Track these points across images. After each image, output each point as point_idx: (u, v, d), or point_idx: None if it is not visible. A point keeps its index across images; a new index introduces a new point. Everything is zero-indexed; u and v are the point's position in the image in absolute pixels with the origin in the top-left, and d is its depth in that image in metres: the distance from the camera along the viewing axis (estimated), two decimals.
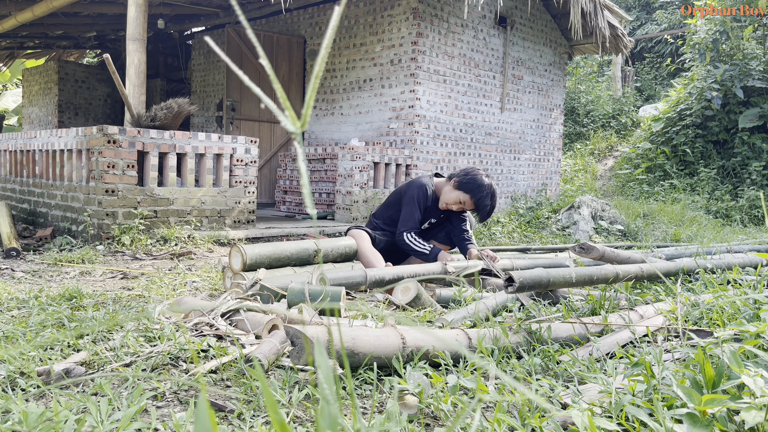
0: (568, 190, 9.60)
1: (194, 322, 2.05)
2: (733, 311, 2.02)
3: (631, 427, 1.25)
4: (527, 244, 5.33)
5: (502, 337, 1.81)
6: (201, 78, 9.41)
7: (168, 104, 4.87)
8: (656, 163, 10.57)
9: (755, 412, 1.13)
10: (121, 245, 4.18)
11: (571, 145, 13.26)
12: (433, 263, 3.02)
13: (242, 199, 5.12)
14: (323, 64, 0.51)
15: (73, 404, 1.36)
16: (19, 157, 5.77)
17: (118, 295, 2.73)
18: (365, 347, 1.59)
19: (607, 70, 16.45)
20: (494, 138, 7.58)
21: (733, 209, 8.68)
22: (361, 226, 3.50)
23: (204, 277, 3.29)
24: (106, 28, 9.43)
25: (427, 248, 3.35)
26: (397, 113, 6.71)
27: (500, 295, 2.44)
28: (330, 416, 0.50)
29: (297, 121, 0.50)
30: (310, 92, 0.50)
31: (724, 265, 3.04)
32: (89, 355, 1.75)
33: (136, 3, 4.95)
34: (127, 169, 4.42)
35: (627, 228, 6.39)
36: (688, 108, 10.53)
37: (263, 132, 8.18)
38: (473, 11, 7.00)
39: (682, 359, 1.73)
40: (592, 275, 2.43)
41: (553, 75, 8.39)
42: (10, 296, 2.63)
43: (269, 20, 8.35)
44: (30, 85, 11.23)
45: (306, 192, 0.48)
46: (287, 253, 2.83)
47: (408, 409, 1.41)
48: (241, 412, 1.40)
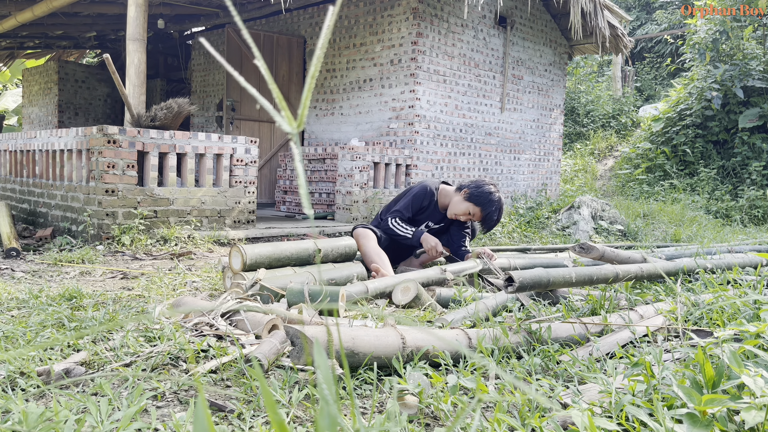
0: (568, 190, 9.60)
1: (194, 322, 2.05)
2: (733, 311, 2.02)
3: (631, 427, 1.25)
4: (527, 244, 5.33)
5: (502, 337, 1.81)
6: (201, 78, 9.41)
7: (168, 104, 4.87)
8: (656, 163, 10.56)
9: (755, 412, 1.13)
10: (121, 245, 4.18)
11: (571, 145, 13.25)
12: (431, 269, 3.01)
13: (242, 199, 5.12)
14: (320, 63, 0.51)
15: (73, 404, 1.36)
16: (19, 157, 5.78)
17: (118, 295, 2.73)
18: (365, 347, 1.59)
19: (607, 70, 16.45)
20: (494, 138, 7.58)
21: (733, 209, 8.68)
22: (367, 225, 3.51)
23: (204, 277, 3.29)
24: (106, 28, 9.43)
25: (409, 232, 3.42)
26: (397, 113, 6.71)
27: (500, 295, 2.43)
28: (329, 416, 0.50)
29: (293, 121, 0.50)
30: (306, 92, 0.50)
31: (724, 265, 3.04)
32: (89, 355, 1.75)
33: (136, 3, 4.95)
34: (127, 169, 4.43)
35: (627, 228, 6.38)
36: (688, 108, 10.53)
37: (263, 132, 8.18)
38: (473, 11, 7.00)
39: (682, 359, 1.72)
40: (592, 275, 2.43)
41: (553, 75, 8.39)
42: (10, 296, 2.63)
43: (269, 20, 8.35)
44: (30, 85, 11.23)
45: (303, 192, 0.48)
46: (287, 253, 2.83)
47: (408, 409, 1.41)
48: (241, 412, 1.40)
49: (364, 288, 2.60)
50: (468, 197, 3.40)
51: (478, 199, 3.37)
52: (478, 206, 3.37)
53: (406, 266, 3.61)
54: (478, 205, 3.37)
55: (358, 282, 2.71)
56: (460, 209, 3.42)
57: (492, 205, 3.36)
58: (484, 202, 3.36)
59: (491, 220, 3.39)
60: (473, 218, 3.43)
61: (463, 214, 3.42)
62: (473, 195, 3.38)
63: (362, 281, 2.75)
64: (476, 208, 3.38)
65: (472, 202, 3.39)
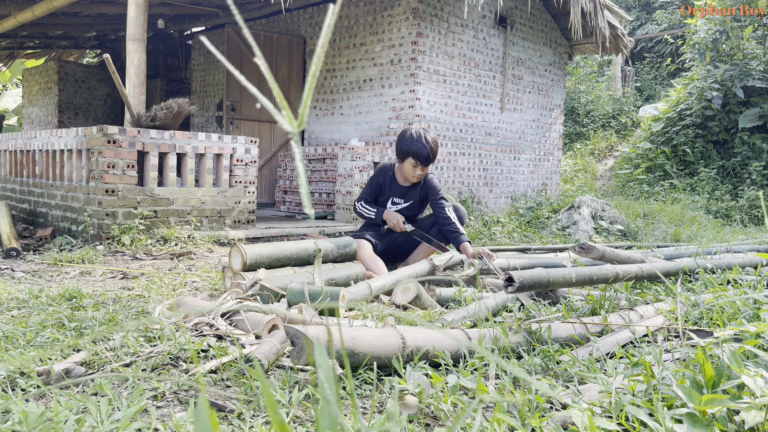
0: (568, 190, 9.60)
1: (194, 322, 2.05)
2: (733, 311, 2.02)
3: (631, 427, 1.25)
4: (527, 244, 5.33)
5: (502, 337, 1.81)
6: (201, 78, 9.41)
7: (168, 104, 4.87)
8: (656, 163, 10.56)
9: (755, 412, 1.13)
10: (121, 245, 4.18)
11: (571, 145, 13.25)
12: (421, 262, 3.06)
13: (242, 199, 5.12)
14: (320, 63, 0.51)
15: (73, 404, 1.36)
16: (19, 157, 5.78)
17: (118, 295, 2.73)
18: (365, 347, 1.59)
19: (607, 70, 16.45)
20: (494, 138, 7.58)
21: (733, 209, 8.68)
22: (362, 235, 3.54)
23: (204, 277, 3.29)
24: (106, 28, 9.43)
25: (372, 212, 3.56)
26: (397, 113, 6.71)
27: (500, 295, 2.43)
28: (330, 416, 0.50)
29: (294, 121, 0.50)
30: (306, 92, 0.50)
31: (724, 265, 3.04)
32: (89, 355, 1.75)
33: (136, 3, 4.95)
34: (127, 169, 4.42)
35: (627, 228, 6.38)
36: (688, 108, 10.53)
37: (263, 132, 8.18)
38: (473, 11, 7.00)
39: (682, 359, 1.72)
40: (592, 275, 2.43)
41: (553, 75, 8.39)
42: (10, 296, 2.63)
43: (269, 20, 8.35)
44: (30, 85, 11.23)
45: (303, 192, 0.48)
46: (287, 253, 2.83)
47: (408, 409, 1.41)
48: (241, 412, 1.40)
49: (368, 288, 2.62)
50: (397, 155, 3.52)
51: (399, 148, 3.47)
52: (407, 155, 3.43)
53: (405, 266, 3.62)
54: (407, 154, 3.43)
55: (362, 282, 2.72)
56: (405, 170, 3.51)
57: (412, 142, 3.40)
58: (407, 146, 3.42)
59: (422, 155, 3.40)
60: (416, 169, 3.46)
61: (409, 173, 3.49)
62: (397, 150, 3.51)
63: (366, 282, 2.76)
64: (407, 157, 3.44)
65: (401, 156, 3.48)
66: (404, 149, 3.43)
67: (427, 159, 3.40)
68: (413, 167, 3.45)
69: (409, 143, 3.40)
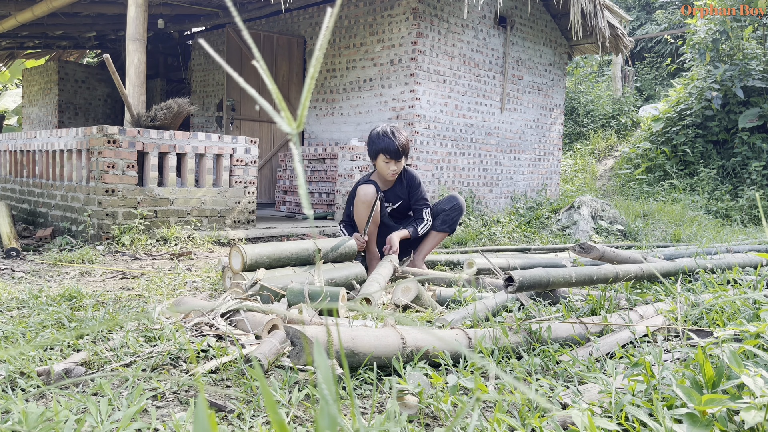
0: (568, 190, 9.60)
1: (194, 322, 2.05)
2: (733, 311, 2.02)
3: (631, 427, 1.25)
4: (527, 244, 5.33)
5: (502, 337, 1.81)
6: (201, 78, 9.41)
7: (168, 104, 4.87)
8: (656, 163, 10.56)
9: (755, 412, 1.13)
10: (121, 245, 4.18)
11: (571, 145, 13.25)
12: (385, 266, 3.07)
13: (242, 199, 5.12)
14: (319, 64, 0.51)
15: (73, 404, 1.36)
16: (19, 157, 5.77)
17: (118, 295, 2.73)
18: (365, 347, 1.59)
19: (607, 70, 16.45)
20: (494, 138, 7.58)
21: (733, 209, 8.68)
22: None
23: (204, 277, 3.29)
24: (106, 28, 9.43)
25: (345, 234, 3.54)
26: (397, 113, 6.71)
27: (500, 295, 2.43)
28: (330, 416, 0.50)
29: (293, 121, 0.50)
30: (305, 93, 0.50)
31: (724, 265, 3.04)
32: (89, 355, 1.75)
33: (136, 3, 4.95)
34: (127, 169, 4.42)
35: (627, 228, 6.38)
36: (688, 108, 10.52)
37: (263, 132, 8.18)
38: (473, 11, 7.00)
39: (682, 359, 1.72)
40: (592, 275, 2.43)
41: (553, 75, 8.39)
42: (10, 296, 2.63)
43: (269, 20, 8.35)
44: (30, 85, 11.23)
45: (302, 193, 0.48)
46: (287, 253, 2.83)
47: (408, 409, 1.41)
48: (241, 412, 1.40)
49: (378, 287, 2.64)
50: (370, 157, 3.50)
51: (370, 148, 3.45)
52: (377, 153, 3.42)
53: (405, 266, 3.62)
54: (377, 152, 3.42)
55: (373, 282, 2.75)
56: (380, 170, 3.49)
57: (379, 139, 3.39)
58: (375, 144, 3.41)
59: (391, 149, 3.38)
60: (390, 165, 3.45)
61: (384, 170, 3.47)
62: (369, 152, 3.49)
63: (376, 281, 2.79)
64: (378, 155, 3.42)
65: (373, 156, 3.47)
66: (374, 148, 3.43)
67: (396, 152, 3.39)
68: (386, 163, 3.44)
69: (376, 141, 3.41)
